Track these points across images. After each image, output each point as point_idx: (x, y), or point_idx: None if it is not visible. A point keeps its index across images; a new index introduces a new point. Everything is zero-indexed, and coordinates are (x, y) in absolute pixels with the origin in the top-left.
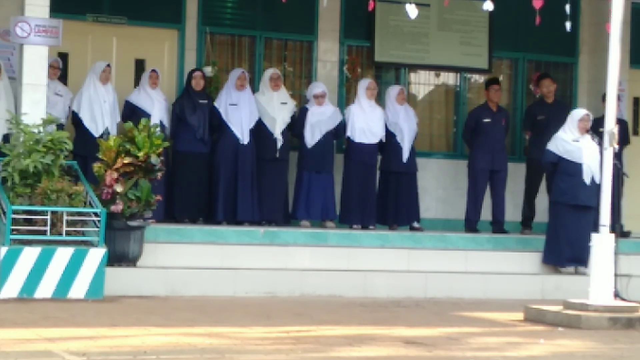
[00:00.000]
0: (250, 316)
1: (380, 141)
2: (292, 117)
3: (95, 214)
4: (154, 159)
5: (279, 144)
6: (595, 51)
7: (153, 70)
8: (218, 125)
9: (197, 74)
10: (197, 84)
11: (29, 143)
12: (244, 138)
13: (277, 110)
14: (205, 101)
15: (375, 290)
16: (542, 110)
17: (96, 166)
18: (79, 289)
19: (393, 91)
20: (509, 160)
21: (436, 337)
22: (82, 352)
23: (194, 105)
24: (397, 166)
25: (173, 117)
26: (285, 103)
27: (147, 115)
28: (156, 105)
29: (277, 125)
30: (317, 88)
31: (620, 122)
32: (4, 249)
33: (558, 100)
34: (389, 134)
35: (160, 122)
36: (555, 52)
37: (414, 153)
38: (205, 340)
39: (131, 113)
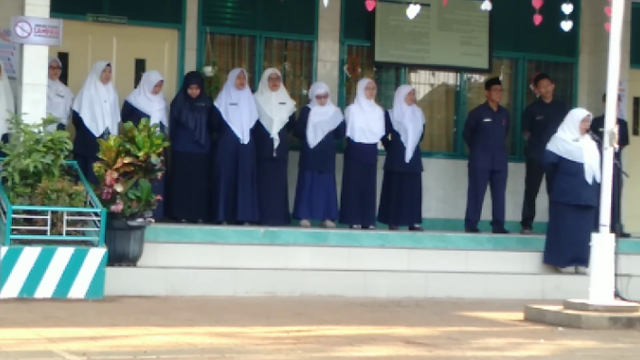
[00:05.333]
0: (250, 316)
1: (387, 139)
2: (292, 117)
3: (96, 214)
4: (154, 159)
5: (276, 143)
6: (595, 51)
7: (161, 80)
8: (218, 125)
9: (194, 85)
10: (193, 93)
11: (29, 143)
12: (244, 138)
13: (275, 110)
14: (203, 104)
15: (376, 290)
16: (540, 111)
17: (96, 166)
18: (79, 288)
19: (403, 90)
20: (509, 160)
21: (436, 337)
22: (82, 352)
23: (191, 107)
24: (400, 166)
25: (171, 119)
26: (284, 103)
27: (147, 117)
28: (155, 107)
29: (274, 125)
30: (319, 88)
31: (620, 122)
32: (4, 249)
33: (556, 100)
34: (394, 134)
35: (160, 122)
36: (555, 52)
37: (418, 153)
38: (205, 340)
39: (130, 114)
